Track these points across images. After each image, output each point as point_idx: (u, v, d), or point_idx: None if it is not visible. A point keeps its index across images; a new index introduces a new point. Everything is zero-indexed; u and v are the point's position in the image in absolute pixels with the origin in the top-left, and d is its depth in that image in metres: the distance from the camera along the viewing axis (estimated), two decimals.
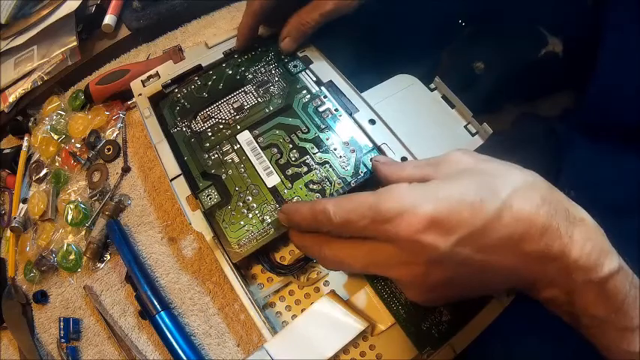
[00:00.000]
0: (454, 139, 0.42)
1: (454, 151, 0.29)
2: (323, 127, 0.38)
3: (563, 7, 0.42)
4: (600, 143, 0.38)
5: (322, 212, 0.28)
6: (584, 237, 0.24)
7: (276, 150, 0.37)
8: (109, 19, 0.58)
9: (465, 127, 0.43)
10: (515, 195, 0.24)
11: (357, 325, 0.31)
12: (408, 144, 0.37)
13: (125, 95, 0.53)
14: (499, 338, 0.31)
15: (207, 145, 0.39)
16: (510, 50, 0.46)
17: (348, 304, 0.32)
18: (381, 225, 0.25)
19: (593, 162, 0.39)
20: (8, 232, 0.51)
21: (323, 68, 0.41)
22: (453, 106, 0.44)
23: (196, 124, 0.40)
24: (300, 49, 0.43)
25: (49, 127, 0.54)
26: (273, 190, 0.35)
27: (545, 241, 0.24)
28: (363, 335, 0.32)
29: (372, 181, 0.35)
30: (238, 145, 0.38)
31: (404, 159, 0.36)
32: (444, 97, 0.44)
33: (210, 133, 0.39)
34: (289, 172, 0.36)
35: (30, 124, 0.57)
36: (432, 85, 0.45)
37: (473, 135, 0.42)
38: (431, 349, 0.30)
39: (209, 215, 0.35)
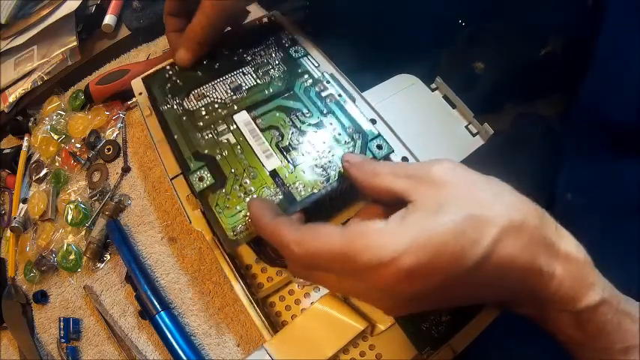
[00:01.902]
0: (455, 139, 0.42)
1: (436, 165, 0.26)
2: (326, 111, 0.36)
3: (563, 7, 0.42)
4: (598, 145, 0.38)
5: (286, 249, 0.26)
6: (564, 273, 0.24)
7: (277, 132, 0.35)
8: (109, 19, 0.58)
9: (466, 127, 0.43)
10: (499, 240, 0.23)
11: (356, 325, 0.31)
12: (409, 144, 0.37)
13: (125, 95, 0.53)
14: (499, 338, 0.31)
15: (201, 124, 0.36)
16: (510, 50, 0.46)
17: (347, 303, 0.32)
18: (354, 273, 0.24)
19: (591, 164, 0.39)
20: (8, 232, 0.51)
21: (323, 68, 0.41)
22: (454, 106, 0.44)
23: (189, 102, 0.38)
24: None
25: (49, 127, 0.54)
26: (273, 174, 0.33)
27: (523, 280, 0.24)
28: (362, 335, 0.32)
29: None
30: (235, 126, 0.36)
31: (404, 159, 0.36)
32: (445, 97, 0.44)
33: (204, 112, 0.37)
34: (290, 155, 0.34)
35: (30, 124, 0.57)
36: (433, 85, 0.45)
37: (474, 135, 0.42)
38: (430, 349, 0.30)
39: (201, 199, 0.33)
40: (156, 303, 0.40)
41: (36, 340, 0.44)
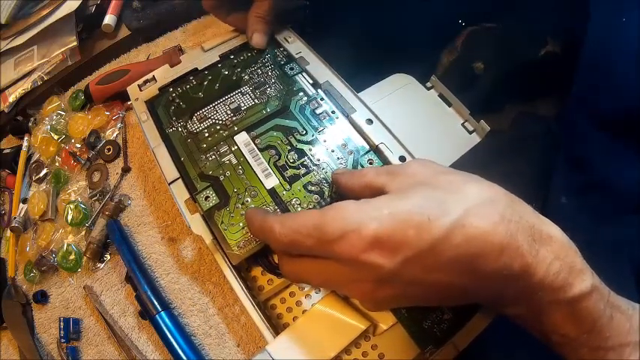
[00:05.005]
0: (452, 137, 0.42)
1: (412, 162, 0.28)
2: (320, 129, 0.38)
3: (563, 7, 0.42)
4: (593, 144, 0.38)
5: (269, 231, 0.27)
6: (551, 255, 0.23)
7: (274, 152, 0.37)
8: (109, 19, 0.58)
9: (462, 125, 0.43)
10: (469, 213, 0.23)
11: (358, 325, 0.31)
12: (407, 143, 0.37)
13: (125, 95, 0.52)
14: (501, 336, 0.31)
15: (204, 146, 0.39)
16: (510, 50, 0.46)
17: (349, 304, 0.32)
18: (326, 245, 0.24)
19: (586, 167, 0.39)
20: (8, 232, 0.51)
21: (319, 69, 0.41)
22: (449, 105, 0.44)
23: (192, 124, 0.40)
24: (297, 51, 0.43)
25: (49, 127, 0.54)
26: (272, 192, 0.35)
27: (503, 261, 0.23)
28: (365, 335, 0.32)
29: None
30: (236, 147, 0.38)
31: (402, 158, 0.36)
32: (441, 96, 0.44)
33: (207, 134, 0.39)
34: (287, 173, 0.36)
35: (30, 124, 0.57)
36: (429, 84, 0.45)
37: (470, 133, 0.42)
38: (433, 347, 0.30)
39: (208, 217, 0.35)
40: (156, 303, 0.40)
41: (36, 340, 0.44)
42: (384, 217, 0.23)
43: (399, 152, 0.36)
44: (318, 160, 0.36)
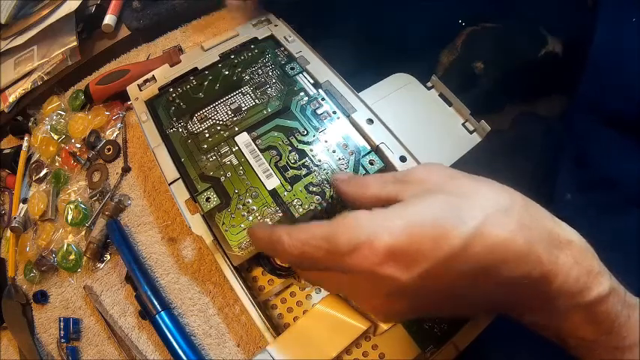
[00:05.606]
0: (452, 136, 0.42)
1: (421, 167, 0.27)
2: (321, 129, 0.38)
3: (564, 7, 0.42)
4: (597, 144, 0.38)
5: (277, 243, 0.26)
6: (570, 260, 0.23)
7: (275, 152, 0.37)
8: (109, 19, 0.58)
9: (463, 124, 0.43)
10: (487, 221, 0.22)
11: (359, 325, 0.31)
12: (407, 143, 0.37)
13: (125, 95, 0.52)
14: (501, 335, 0.31)
15: (205, 146, 0.39)
16: (510, 50, 0.46)
17: (350, 304, 0.32)
18: (337, 258, 0.23)
19: (593, 163, 0.39)
20: (8, 232, 0.51)
21: (319, 69, 0.41)
22: (450, 104, 0.44)
23: (193, 125, 0.40)
24: (297, 51, 0.43)
25: (49, 127, 0.54)
26: (273, 193, 0.35)
27: (523, 269, 0.22)
28: (365, 335, 0.32)
29: None
30: (237, 147, 0.38)
31: (402, 158, 0.36)
32: (442, 95, 0.44)
33: (207, 135, 0.39)
34: (288, 174, 0.36)
35: (30, 124, 0.57)
36: (429, 84, 0.45)
37: (471, 132, 0.42)
38: (434, 347, 0.30)
39: (209, 218, 0.35)
40: (156, 303, 0.40)
41: (36, 340, 0.44)
42: (398, 228, 0.22)
43: (400, 152, 0.36)
44: (320, 160, 0.36)
